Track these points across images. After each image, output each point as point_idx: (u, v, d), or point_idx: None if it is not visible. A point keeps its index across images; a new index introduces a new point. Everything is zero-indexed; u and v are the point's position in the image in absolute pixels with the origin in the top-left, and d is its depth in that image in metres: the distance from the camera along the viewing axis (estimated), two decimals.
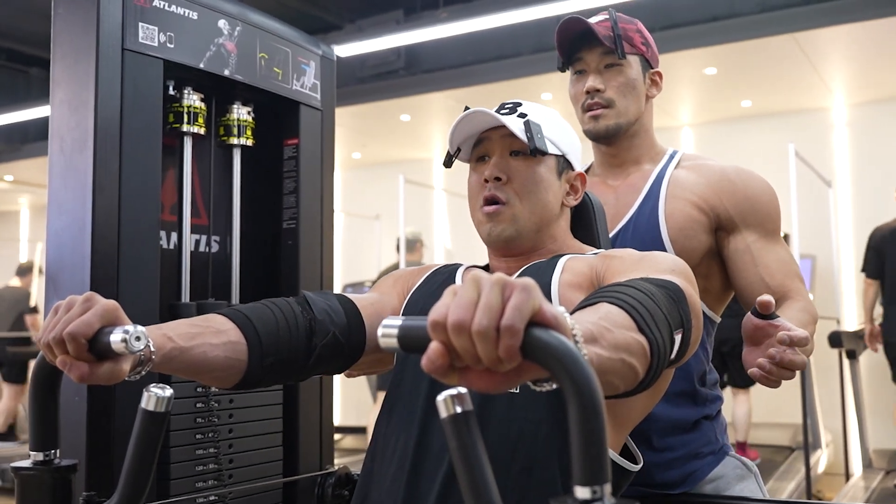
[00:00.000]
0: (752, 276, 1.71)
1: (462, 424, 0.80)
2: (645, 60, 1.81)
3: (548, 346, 0.71)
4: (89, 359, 1.04)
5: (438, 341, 0.73)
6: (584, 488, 0.70)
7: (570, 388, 0.70)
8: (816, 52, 5.93)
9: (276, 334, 1.31)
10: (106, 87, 1.53)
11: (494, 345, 0.71)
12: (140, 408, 1.05)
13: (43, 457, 1.13)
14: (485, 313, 0.71)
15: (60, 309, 1.07)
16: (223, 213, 1.87)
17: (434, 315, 0.73)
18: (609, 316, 0.95)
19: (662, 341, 1.00)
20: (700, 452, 1.72)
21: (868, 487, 5.37)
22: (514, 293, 0.72)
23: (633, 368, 0.94)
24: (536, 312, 0.72)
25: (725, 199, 1.74)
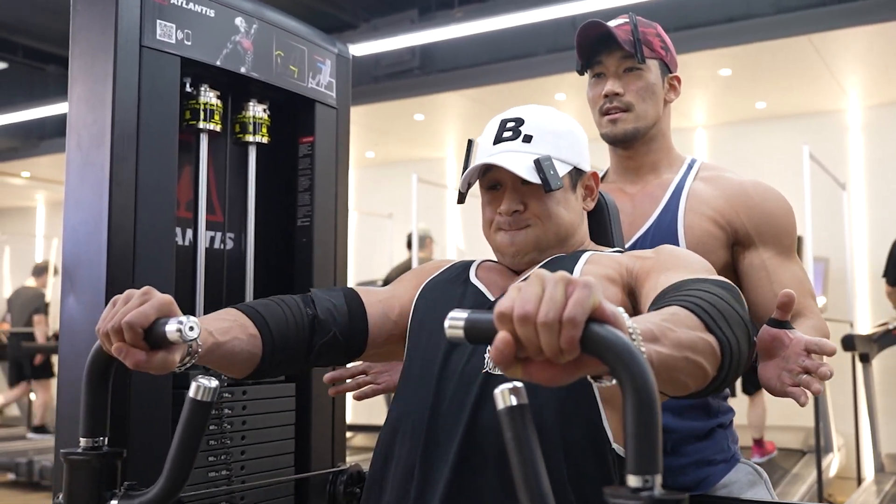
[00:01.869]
0: (767, 293, 1.70)
1: (517, 416, 0.83)
2: (664, 65, 1.80)
3: (605, 339, 0.76)
4: (144, 347, 1.11)
5: (505, 332, 0.78)
6: (637, 477, 0.74)
7: (627, 381, 0.75)
8: (831, 53, 5.91)
9: (285, 331, 1.40)
10: (123, 83, 1.54)
11: (557, 336, 0.76)
12: (187, 397, 1.09)
13: (92, 443, 1.18)
14: (549, 306, 0.76)
15: (119, 301, 1.14)
16: (238, 211, 1.88)
17: (501, 307, 0.78)
18: (675, 317, 0.99)
19: (735, 340, 1.03)
20: (713, 459, 1.73)
21: (880, 492, 5.35)
22: (576, 289, 0.77)
23: (701, 367, 0.98)
24: (596, 308, 0.77)
25: (743, 215, 1.73)
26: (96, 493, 1.15)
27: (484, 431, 1.26)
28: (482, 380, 1.29)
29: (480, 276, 1.48)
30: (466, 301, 1.43)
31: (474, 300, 1.42)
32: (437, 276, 1.54)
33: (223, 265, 1.86)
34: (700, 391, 1.04)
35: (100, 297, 1.50)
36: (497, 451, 1.24)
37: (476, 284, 1.46)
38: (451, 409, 1.30)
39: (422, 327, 1.46)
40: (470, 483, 1.24)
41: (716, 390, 1.06)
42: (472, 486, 1.24)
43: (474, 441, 1.26)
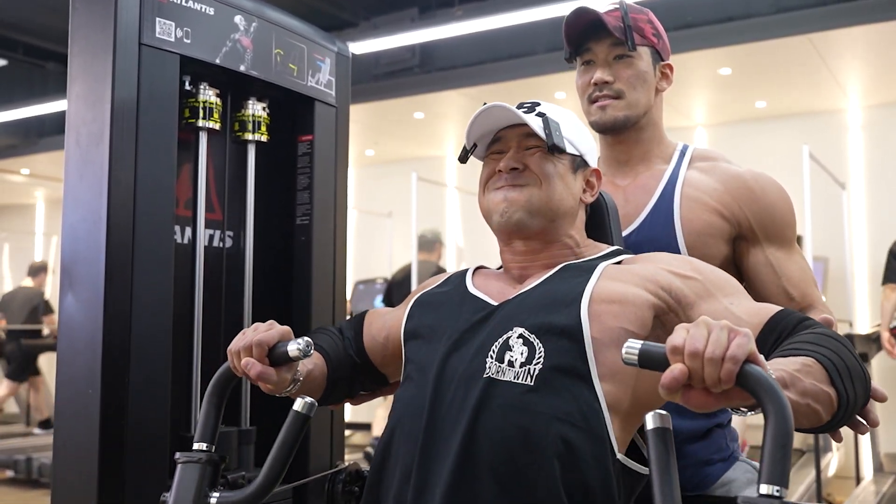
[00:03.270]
0: (776, 289, 1.68)
1: (662, 438, 0.98)
2: (655, 52, 1.76)
3: (758, 377, 0.95)
4: (267, 363, 1.33)
5: (677, 363, 0.96)
6: (769, 486, 0.91)
7: (771, 412, 0.93)
8: (831, 53, 5.91)
9: (338, 356, 1.58)
10: (122, 81, 1.54)
11: (718, 369, 0.94)
12: (292, 410, 1.26)
13: (205, 446, 1.32)
14: (716, 346, 0.95)
15: (249, 330, 1.37)
16: (237, 209, 1.88)
17: (673, 342, 0.97)
18: (807, 367, 1.12)
19: (854, 395, 1.17)
20: (711, 459, 1.71)
21: (878, 491, 5.35)
22: (738, 336, 0.96)
23: (818, 413, 1.11)
24: (751, 354, 0.96)
25: (746, 208, 1.70)
26: (201, 490, 1.30)
27: (484, 435, 1.25)
28: (484, 384, 1.28)
29: (478, 284, 1.48)
30: (466, 307, 1.42)
31: (474, 307, 1.42)
32: (433, 288, 1.56)
33: (222, 263, 1.86)
34: (808, 430, 1.18)
35: (98, 296, 1.50)
36: (496, 455, 1.23)
37: (474, 293, 1.46)
38: (449, 413, 1.29)
39: (417, 333, 1.46)
40: (469, 486, 1.23)
41: (826, 431, 1.20)
42: (470, 490, 1.23)
43: (474, 445, 1.25)
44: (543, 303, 1.34)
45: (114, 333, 1.50)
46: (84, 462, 1.50)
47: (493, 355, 1.30)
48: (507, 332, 1.31)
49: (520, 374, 1.27)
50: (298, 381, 1.41)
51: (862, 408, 1.25)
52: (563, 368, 1.26)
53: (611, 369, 1.27)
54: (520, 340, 1.30)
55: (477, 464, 1.24)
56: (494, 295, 1.43)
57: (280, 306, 1.89)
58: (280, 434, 1.28)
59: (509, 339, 1.30)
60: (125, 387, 1.50)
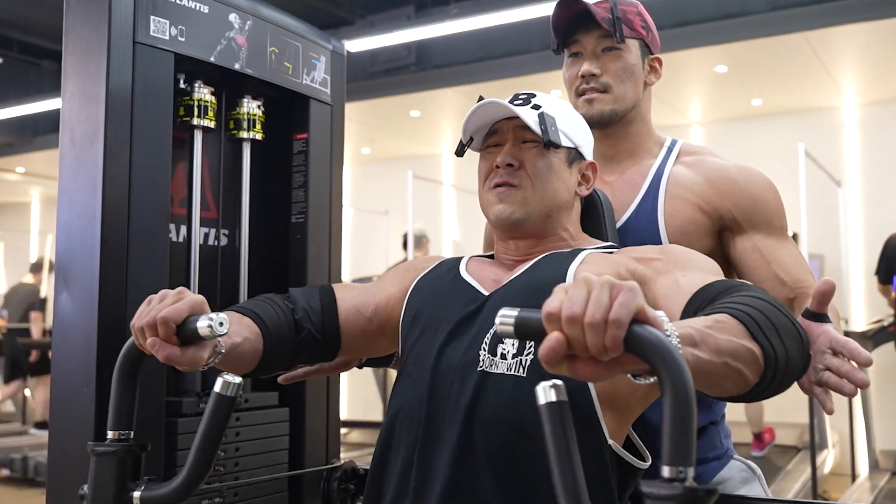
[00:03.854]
0: (766, 274, 1.64)
1: (556, 412, 0.90)
2: (644, 45, 1.73)
3: (648, 339, 0.82)
4: (176, 342, 1.18)
5: (556, 331, 0.84)
6: (671, 468, 0.80)
7: (665, 378, 0.81)
8: (827, 51, 5.91)
9: (279, 329, 1.45)
10: (117, 79, 1.54)
11: (602, 335, 0.82)
12: (213, 392, 1.15)
13: (119, 436, 1.23)
14: (596, 307, 0.82)
15: (154, 299, 1.22)
16: (232, 207, 1.88)
17: (549, 307, 0.85)
18: (720, 324, 1.02)
19: (783, 350, 1.05)
20: (705, 458, 1.71)
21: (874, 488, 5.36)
22: (621, 293, 0.83)
23: (741, 373, 1.01)
24: (639, 311, 0.83)
25: (728, 200, 1.68)
26: (121, 485, 1.20)
27: (481, 427, 1.26)
28: (478, 377, 1.29)
29: (471, 271, 1.49)
30: (458, 296, 1.43)
31: (467, 295, 1.43)
32: (427, 273, 1.55)
33: (217, 262, 1.85)
34: (743, 396, 1.07)
35: (93, 294, 1.50)
36: (494, 445, 1.25)
37: (467, 279, 1.47)
38: (446, 406, 1.30)
39: (415, 323, 1.46)
40: (468, 478, 1.25)
41: (762, 396, 1.09)
42: (469, 481, 1.25)
43: (471, 437, 1.26)
44: (529, 289, 1.35)
45: (108, 331, 1.49)
46: (79, 460, 1.50)
47: (485, 347, 1.31)
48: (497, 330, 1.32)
49: (512, 366, 1.28)
50: (220, 354, 1.28)
51: (804, 369, 1.14)
52: None
53: None
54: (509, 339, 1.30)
55: (475, 456, 1.25)
56: (486, 283, 1.44)
57: None
58: (202, 421, 1.15)
59: None
60: None
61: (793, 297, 1.63)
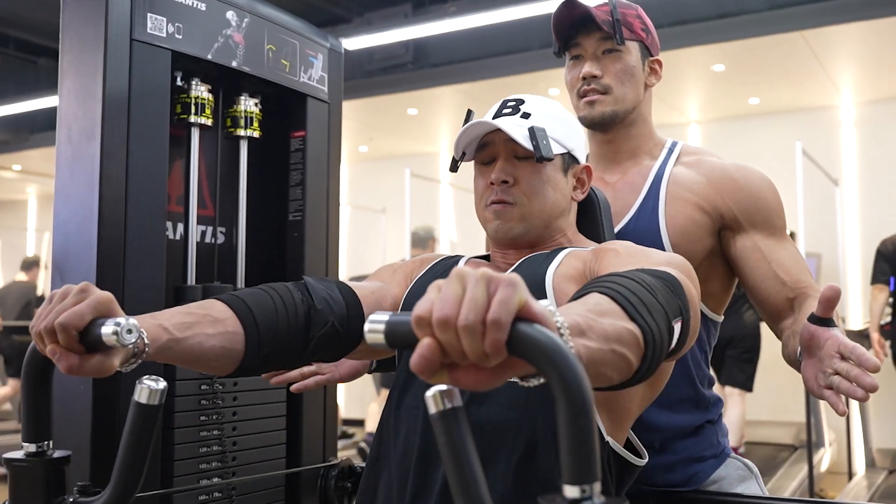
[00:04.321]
0: (766, 273, 1.66)
1: (451, 420, 0.79)
2: (644, 47, 1.75)
3: (534, 340, 0.70)
4: (79, 350, 1.03)
5: (427, 338, 0.72)
6: (574, 487, 0.69)
7: (558, 384, 0.69)
8: (825, 49, 5.92)
9: (274, 323, 1.29)
10: (114, 77, 1.53)
11: (480, 339, 0.71)
12: (133, 400, 1.03)
13: (35, 448, 1.12)
14: (470, 308, 0.71)
15: (55, 298, 1.06)
16: (229, 205, 1.88)
17: (418, 310, 0.73)
18: (598, 306, 0.93)
19: (658, 330, 0.97)
20: (702, 456, 1.72)
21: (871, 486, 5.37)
22: (499, 288, 0.72)
23: (626, 359, 0.92)
24: (522, 307, 0.72)
25: (728, 199, 1.69)
26: (44, 500, 1.10)
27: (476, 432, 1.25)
28: None
29: None
30: None
31: None
32: (425, 273, 1.52)
33: (214, 259, 1.85)
34: (621, 384, 0.98)
35: None
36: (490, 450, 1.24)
37: None
38: None
39: None
40: None
41: (637, 382, 1.00)
42: None
43: None
44: None
45: None
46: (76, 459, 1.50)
47: None
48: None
49: None
50: (143, 353, 1.11)
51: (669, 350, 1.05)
52: None
53: None
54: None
55: None
56: None
57: None
58: (125, 432, 1.05)
59: None
60: (116, 383, 1.50)
61: (792, 297, 1.65)
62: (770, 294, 1.66)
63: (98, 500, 1.07)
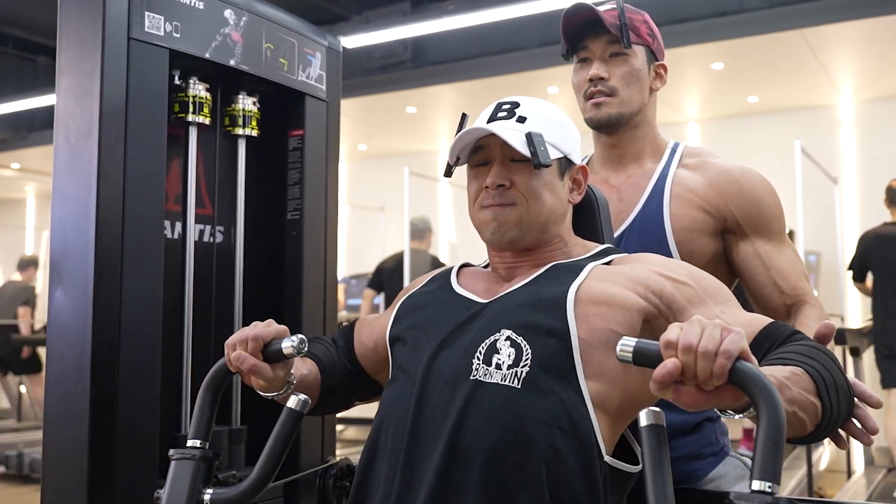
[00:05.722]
0: (765, 280, 1.71)
1: (656, 435, 0.99)
2: (650, 52, 1.79)
3: (751, 373, 0.96)
4: (261, 359, 1.34)
5: (673, 358, 0.97)
6: (761, 482, 0.90)
7: (764, 408, 0.93)
8: (824, 48, 5.91)
9: (332, 362, 1.58)
10: (111, 76, 1.53)
11: (712, 363, 0.95)
12: (286, 407, 1.28)
13: (199, 444, 1.33)
14: (709, 340, 0.96)
15: (248, 327, 1.37)
16: (227, 204, 1.88)
17: (668, 337, 0.99)
18: (796, 377, 1.12)
19: (838, 408, 1.16)
20: (701, 453, 1.72)
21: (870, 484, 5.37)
22: (730, 333, 0.97)
23: (803, 422, 1.11)
24: (743, 352, 0.97)
25: (731, 203, 1.72)
26: (194, 487, 1.30)
27: (471, 437, 1.24)
28: (471, 386, 1.27)
29: (463, 283, 1.48)
30: (453, 307, 1.42)
31: (461, 306, 1.41)
32: (417, 290, 1.55)
33: (212, 259, 1.85)
34: (792, 439, 1.14)
35: (88, 291, 1.49)
36: (483, 456, 1.22)
37: (460, 292, 1.45)
38: (435, 413, 1.28)
39: (403, 336, 1.45)
40: (454, 487, 1.22)
41: (807, 442, 1.21)
42: (455, 491, 1.22)
43: (460, 446, 1.24)
44: (531, 303, 1.33)
45: (103, 329, 1.49)
46: (74, 457, 1.50)
47: (479, 357, 1.29)
48: (495, 334, 1.31)
49: (507, 377, 1.26)
50: (291, 384, 1.42)
51: (844, 422, 1.25)
52: (549, 369, 1.26)
53: (598, 370, 1.27)
54: (507, 342, 1.29)
55: (462, 466, 1.23)
56: (481, 293, 1.43)
57: (271, 301, 1.89)
58: (274, 431, 1.28)
59: (497, 342, 1.30)
60: (114, 382, 1.50)
61: (790, 304, 1.70)
62: (769, 300, 1.71)
63: (242, 486, 1.29)
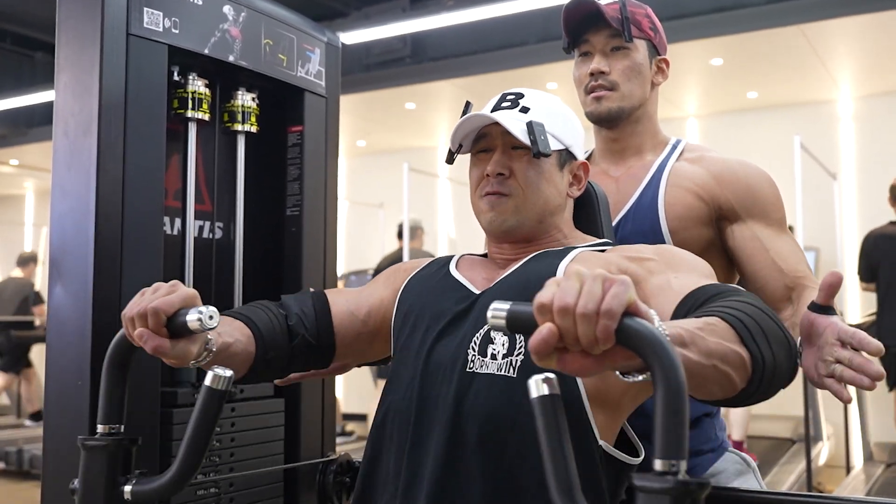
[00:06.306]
0: (765, 261, 1.67)
1: (549, 405, 0.89)
2: (652, 46, 1.78)
3: (639, 331, 0.82)
4: (166, 334, 1.18)
5: (548, 322, 0.83)
6: (664, 461, 0.80)
7: (658, 370, 0.80)
8: (823, 43, 5.91)
9: (272, 334, 1.44)
10: (110, 72, 1.53)
11: (594, 326, 0.82)
12: (203, 385, 1.14)
13: (109, 429, 1.23)
14: (588, 298, 0.82)
15: (147, 291, 1.21)
16: (227, 200, 1.87)
17: (541, 298, 0.84)
18: (711, 326, 1.02)
19: (772, 357, 1.05)
20: (700, 449, 1.72)
21: (869, 480, 5.38)
22: (613, 286, 0.83)
23: (729, 377, 1.01)
24: (631, 304, 0.83)
25: (727, 189, 1.71)
26: (112, 479, 1.19)
27: (469, 426, 1.26)
28: (467, 377, 1.29)
29: (462, 270, 1.49)
30: (449, 295, 1.43)
31: (457, 294, 1.42)
32: (419, 272, 1.54)
33: (212, 254, 1.85)
34: (728, 400, 1.08)
35: (87, 287, 1.49)
36: (481, 444, 1.24)
37: (458, 278, 1.46)
38: (436, 404, 1.30)
39: (405, 323, 1.46)
40: (456, 476, 1.24)
41: (748, 402, 1.09)
42: (457, 479, 1.24)
43: (459, 435, 1.26)
44: (519, 287, 1.34)
45: (103, 325, 1.49)
46: (74, 454, 1.49)
47: (475, 348, 1.31)
48: None
49: (502, 366, 1.28)
50: (211, 352, 1.27)
51: (791, 374, 1.14)
52: None
53: None
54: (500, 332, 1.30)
55: (462, 455, 1.25)
56: (478, 282, 1.44)
57: (270, 297, 1.88)
58: (193, 414, 1.15)
59: (490, 332, 1.31)
60: None
61: (791, 286, 1.65)
62: (768, 282, 1.67)
63: (163, 477, 1.17)
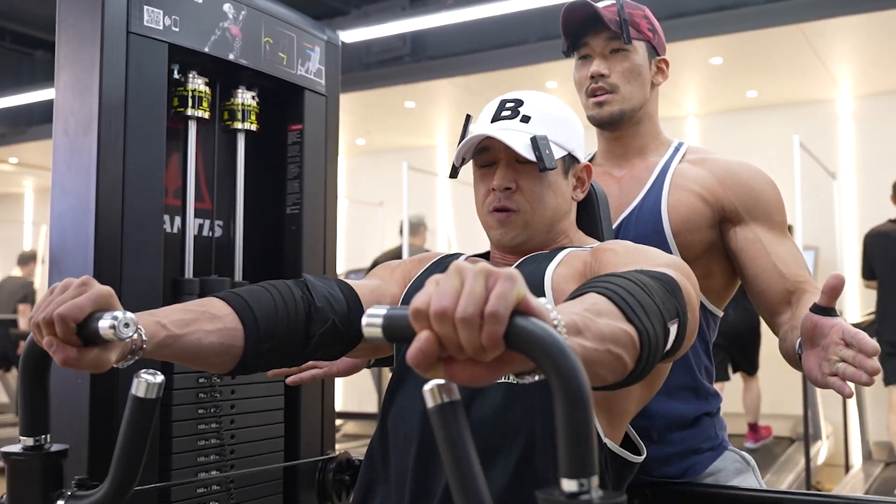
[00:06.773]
0: (765, 264, 1.68)
1: (449, 414, 0.78)
2: (651, 47, 1.79)
3: (532, 334, 0.70)
4: (76, 343, 1.02)
5: (423, 330, 0.72)
6: (571, 481, 0.69)
7: (556, 378, 0.69)
8: (823, 43, 5.91)
9: (274, 320, 1.29)
10: (110, 70, 1.53)
11: (478, 332, 0.70)
12: (130, 394, 1.03)
13: (33, 442, 1.12)
14: (469, 301, 0.71)
15: (56, 290, 1.06)
16: (227, 198, 1.88)
17: (416, 303, 0.72)
18: (595, 306, 0.93)
19: (654, 331, 0.97)
20: (699, 448, 1.72)
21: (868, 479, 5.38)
22: (498, 282, 0.72)
23: (621, 359, 0.92)
24: (521, 302, 0.72)
25: (730, 191, 1.72)
26: (41, 494, 1.09)
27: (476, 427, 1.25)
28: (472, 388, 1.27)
29: None
30: None
31: None
32: (424, 272, 1.50)
33: (212, 252, 1.85)
34: (615, 385, 0.98)
35: None
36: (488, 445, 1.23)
37: None
38: None
39: None
40: None
41: (630, 383, 1.00)
42: None
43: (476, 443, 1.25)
44: None
45: None
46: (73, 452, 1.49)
47: None
48: None
49: None
50: (141, 350, 1.11)
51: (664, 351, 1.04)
52: None
53: None
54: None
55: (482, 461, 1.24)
56: None
57: None
58: (122, 426, 1.05)
59: None
60: (115, 377, 1.49)
61: (791, 290, 1.66)
62: (768, 284, 1.68)
63: (96, 494, 1.06)
